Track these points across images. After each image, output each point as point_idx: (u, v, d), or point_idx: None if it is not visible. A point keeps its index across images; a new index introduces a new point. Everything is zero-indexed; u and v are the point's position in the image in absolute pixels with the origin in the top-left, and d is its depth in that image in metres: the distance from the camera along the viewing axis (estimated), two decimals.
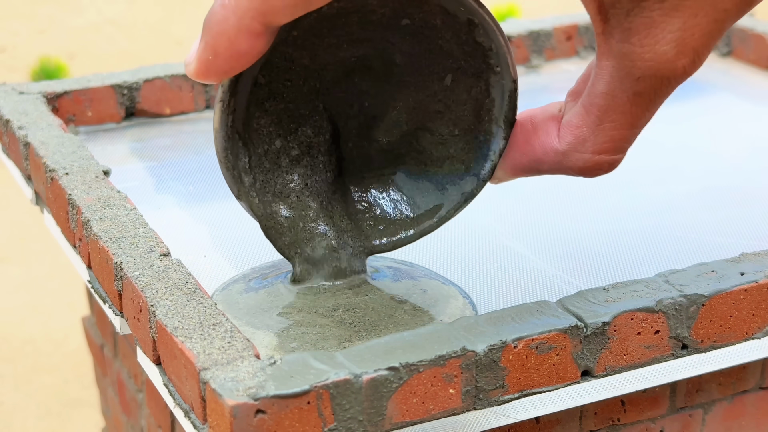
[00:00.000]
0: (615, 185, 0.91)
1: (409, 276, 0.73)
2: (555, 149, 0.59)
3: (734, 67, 1.17)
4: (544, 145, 0.60)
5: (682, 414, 0.74)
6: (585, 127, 0.57)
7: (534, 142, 0.61)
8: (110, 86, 0.99)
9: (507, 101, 0.66)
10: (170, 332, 0.60)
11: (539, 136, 0.61)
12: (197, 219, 0.86)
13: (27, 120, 0.89)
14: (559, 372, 0.63)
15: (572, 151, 0.58)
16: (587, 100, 0.57)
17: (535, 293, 0.74)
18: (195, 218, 0.86)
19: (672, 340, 0.66)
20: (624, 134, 0.57)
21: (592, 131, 0.57)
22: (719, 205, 0.88)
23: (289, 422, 0.55)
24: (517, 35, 1.13)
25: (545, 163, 0.61)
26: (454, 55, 0.66)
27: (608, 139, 0.57)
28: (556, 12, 1.39)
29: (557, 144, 0.59)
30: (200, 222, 0.86)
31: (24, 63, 2.66)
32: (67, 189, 0.77)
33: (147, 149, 0.96)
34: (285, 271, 0.71)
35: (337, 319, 0.68)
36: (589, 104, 0.57)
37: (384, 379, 0.57)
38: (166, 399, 0.63)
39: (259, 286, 0.71)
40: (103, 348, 1.03)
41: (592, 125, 0.57)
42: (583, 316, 0.63)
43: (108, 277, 0.69)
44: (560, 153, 0.59)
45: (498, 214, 0.86)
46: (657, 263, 0.78)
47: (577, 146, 0.58)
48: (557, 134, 0.59)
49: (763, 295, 0.67)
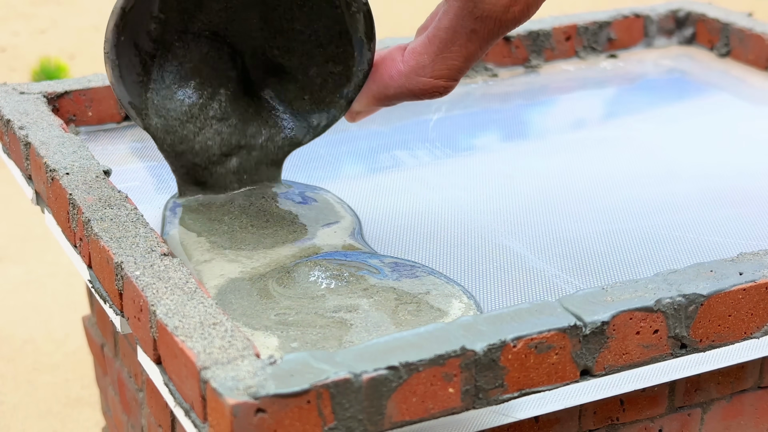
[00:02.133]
0: (615, 185, 0.92)
1: (413, 275, 0.73)
2: (399, 71, 0.69)
3: (733, 68, 1.17)
4: (390, 69, 0.70)
5: (680, 413, 0.74)
6: (426, 54, 0.68)
7: (382, 68, 0.71)
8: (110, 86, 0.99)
9: (363, 21, 0.74)
10: (170, 331, 0.60)
11: (386, 63, 0.71)
12: None
13: (28, 120, 0.89)
14: (559, 371, 0.63)
15: (413, 74, 0.69)
16: (432, 32, 0.67)
17: (534, 293, 0.74)
18: None
19: (671, 339, 0.66)
20: (459, 65, 0.67)
21: (432, 59, 0.67)
22: (718, 205, 0.88)
23: (290, 421, 0.55)
24: (517, 35, 1.13)
25: (391, 88, 0.70)
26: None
27: (445, 67, 0.67)
28: (555, 12, 1.39)
29: (401, 67, 0.69)
30: None
31: (24, 63, 2.66)
32: (67, 189, 0.77)
33: (147, 149, 0.96)
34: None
35: (338, 320, 0.68)
36: (433, 36, 0.67)
37: (384, 378, 0.57)
38: (166, 398, 0.63)
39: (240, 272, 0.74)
40: (104, 347, 1.03)
41: (432, 54, 0.67)
42: (582, 315, 0.63)
43: (109, 276, 0.70)
44: (403, 75, 0.69)
45: (498, 214, 0.86)
46: (656, 263, 0.78)
47: (418, 70, 0.68)
48: (402, 59, 0.69)
49: (761, 295, 0.68)
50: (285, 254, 0.76)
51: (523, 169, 0.94)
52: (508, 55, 1.13)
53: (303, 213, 0.81)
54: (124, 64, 0.76)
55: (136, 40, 0.76)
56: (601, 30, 1.18)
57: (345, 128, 1.01)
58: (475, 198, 0.89)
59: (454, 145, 0.99)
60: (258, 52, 0.81)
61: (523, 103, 1.08)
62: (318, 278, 0.71)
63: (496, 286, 0.75)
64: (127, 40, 0.75)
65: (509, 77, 1.13)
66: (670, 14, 1.22)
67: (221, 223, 0.79)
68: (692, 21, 1.22)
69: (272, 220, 0.80)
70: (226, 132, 0.80)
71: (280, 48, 0.80)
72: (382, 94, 0.72)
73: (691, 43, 1.23)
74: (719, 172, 0.95)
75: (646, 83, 1.15)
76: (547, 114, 1.08)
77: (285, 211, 0.81)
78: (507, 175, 0.93)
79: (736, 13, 1.21)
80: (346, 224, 0.81)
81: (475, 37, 0.66)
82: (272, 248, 0.77)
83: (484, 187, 0.91)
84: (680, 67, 1.18)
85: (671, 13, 1.22)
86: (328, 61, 0.78)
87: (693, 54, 1.21)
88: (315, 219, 0.81)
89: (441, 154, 0.97)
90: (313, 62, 0.79)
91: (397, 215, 0.85)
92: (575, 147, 1.00)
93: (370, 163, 0.96)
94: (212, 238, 0.78)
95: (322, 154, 0.96)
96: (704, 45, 1.21)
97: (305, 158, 0.95)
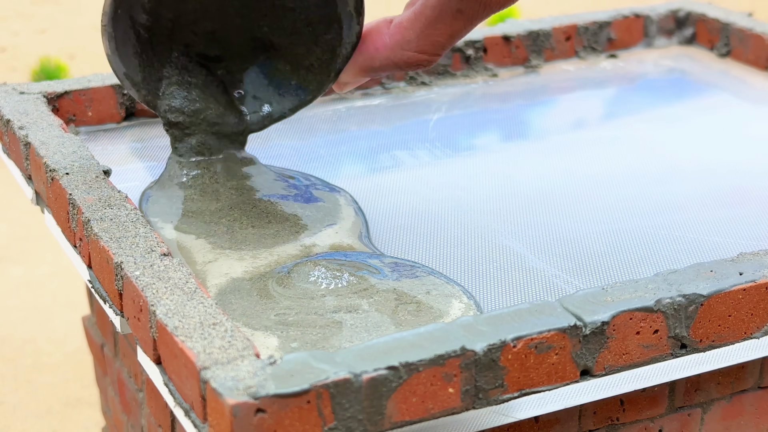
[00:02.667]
0: (615, 185, 0.92)
1: (413, 275, 0.73)
2: (385, 44, 0.72)
3: (733, 68, 1.17)
4: (376, 42, 0.73)
5: (680, 413, 0.74)
6: (411, 30, 0.70)
7: (368, 41, 0.74)
8: (110, 86, 0.99)
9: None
10: (170, 331, 0.60)
11: (372, 35, 0.73)
12: None
13: (27, 120, 0.89)
14: (559, 371, 0.63)
15: (398, 47, 0.71)
16: (419, 9, 0.69)
17: (534, 293, 0.74)
18: None
19: (671, 339, 0.66)
20: (443, 42, 0.70)
21: (417, 35, 0.70)
22: (718, 205, 0.88)
23: (289, 421, 0.55)
24: (516, 35, 1.13)
25: (377, 59, 0.73)
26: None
27: (429, 43, 0.70)
28: (555, 12, 1.39)
29: (387, 40, 0.72)
30: None
31: (24, 63, 2.66)
32: (67, 189, 0.77)
33: (147, 149, 0.96)
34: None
35: (338, 320, 0.68)
36: (419, 13, 0.69)
37: (383, 378, 0.57)
38: (166, 398, 0.63)
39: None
40: (104, 347, 1.03)
41: (417, 30, 0.70)
42: (582, 315, 0.63)
43: (108, 276, 0.70)
44: (389, 48, 0.72)
45: (498, 214, 0.86)
46: (656, 263, 0.78)
47: (403, 44, 0.71)
48: (388, 33, 0.72)
49: (761, 295, 0.68)
50: (287, 254, 0.76)
51: (523, 169, 0.94)
52: (508, 55, 1.13)
53: (307, 213, 0.81)
54: (120, 37, 0.79)
55: (132, 12, 0.79)
56: (601, 30, 1.18)
57: (345, 128, 1.01)
58: (475, 198, 0.89)
59: (454, 145, 0.99)
60: (242, 31, 0.84)
61: (523, 103, 1.08)
62: (318, 278, 0.71)
63: (496, 286, 0.75)
64: (123, 13, 0.78)
65: (509, 77, 1.13)
66: (670, 14, 1.21)
67: (219, 224, 0.79)
68: (692, 21, 1.22)
69: (274, 221, 0.80)
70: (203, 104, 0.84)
71: (270, 26, 0.83)
72: (368, 66, 0.74)
73: (691, 43, 1.23)
74: (719, 172, 0.95)
75: (646, 83, 1.15)
76: (547, 114, 1.08)
77: (288, 213, 0.81)
78: (507, 175, 0.93)
79: (736, 13, 1.21)
80: (348, 225, 0.81)
81: (460, 17, 0.68)
82: (272, 248, 0.77)
83: (484, 187, 0.91)
84: (680, 67, 1.18)
85: (671, 13, 1.22)
86: (317, 38, 0.81)
87: (693, 54, 1.21)
88: (319, 219, 0.81)
89: (441, 154, 0.97)
90: (301, 41, 0.82)
91: (397, 215, 0.85)
92: (575, 147, 1.00)
93: (370, 163, 0.96)
94: (211, 239, 0.78)
95: (322, 154, 0.96)
96: (704, 45, 1.21)
97: (305, 158, 0.95)
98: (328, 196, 0.85)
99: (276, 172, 0.87)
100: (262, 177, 0.85)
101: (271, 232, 0.79)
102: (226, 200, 0.82)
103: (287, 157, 0.95)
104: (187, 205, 0.81)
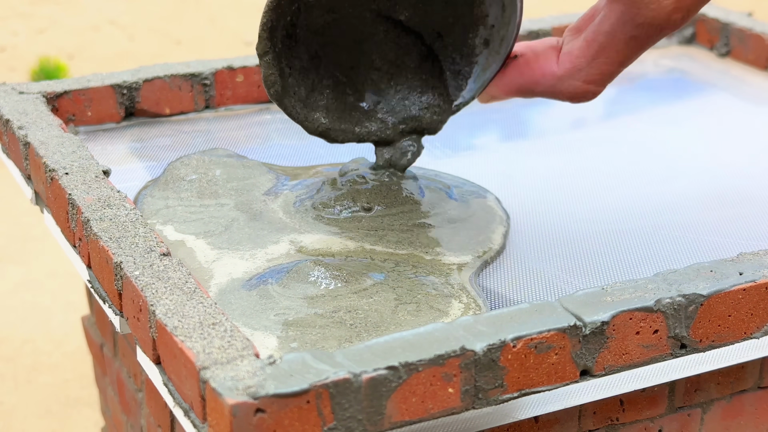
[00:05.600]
0: (615, 185, 0.92)
1: (413, 275, 0.73)
2: (553, 73, 0.70)
3: (733, 68, 1.17)
4: (543, 68, 0.70)
5: (680, 413, 0.74)
6: (583, 58, 0.68)
7: (534, 65, 0.71)
8: (110, 86, 0.99)
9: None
10: (170, 331, 0.60)
11: (540, 61, 0.71)
12: None
13: (27, 120, 0.89)
14: (558, 371, 0.63)
15: (567, 77, 0.69)
16: (591, 36, 0.67)
17: (535, 293, 0.74)
18: None
19: (671, 339, 0.66)
20: (612, 70, 0.68)
21: (588, 62, 0.68)
22: (718, 205, 0.88)
23: (289, 421, 0.55)
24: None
25: (540, 85, 0.71)
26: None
27: (599, 72, 0.68)
28: (555, 12, 1.39)
29: (556, 69, 0.70)
30: None
31: (24, 63, 2.66)
32: (67, 189, 0.77)
33: (147, 149, 0.96)
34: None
35: (338, 320, 0.68)
36: (591, 40, 0.67)
37: (383, 378, 0.57)
38: (165, 398, 0.63)
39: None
40: (103, 347, 1.03)
41: (589, 57, 0.68)
42: (582, 315, 0.63)
43: (108, 276, 0.70)
44: (556, 77, 0.69)
45: None
46: (655, 263, 0.78)
47: (573, 73, 0.69)
48: (557, 61, 0.70)
49: (761, 295, 0.67)
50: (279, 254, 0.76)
51: (523, 169, 0.94)
52: None
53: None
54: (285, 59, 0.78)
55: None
56: None
57: None
58: None
59: (454, 145, 0.99)
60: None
61: (523, 103, 1.08)
62: (318, 278, 0.71)
63: (496, 285, 0.75)
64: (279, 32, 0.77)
65: None
66: None
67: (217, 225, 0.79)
68: (692, 21, 1.21)
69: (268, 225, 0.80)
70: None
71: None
72: (528, 89, 0.72)
73: (691, 43, 1.23)
74: (719, 171, 0.95)
75: (646, 83, 1.15)
76: (547, 114, 1.08)
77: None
78: (507, 175, 0.93)
79: (736, 13, 1.21)
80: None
81: (633, 43, 0.66)
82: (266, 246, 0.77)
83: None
84: (680, 66, 1.18)
85: None
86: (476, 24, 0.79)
87: (693, 54, 1.21)
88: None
89: (441, 154, 0.97)
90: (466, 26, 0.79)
91: None
92: (575, 147, 1.00)
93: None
94: (211, 239, 0.78)
95: (322, 154, 0.96)
96: (704, 45, 1.21)
97: (305, 158, 0.95)
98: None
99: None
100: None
101: (265, 232, 0.79)
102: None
103: (287, 157, 0.95)
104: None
